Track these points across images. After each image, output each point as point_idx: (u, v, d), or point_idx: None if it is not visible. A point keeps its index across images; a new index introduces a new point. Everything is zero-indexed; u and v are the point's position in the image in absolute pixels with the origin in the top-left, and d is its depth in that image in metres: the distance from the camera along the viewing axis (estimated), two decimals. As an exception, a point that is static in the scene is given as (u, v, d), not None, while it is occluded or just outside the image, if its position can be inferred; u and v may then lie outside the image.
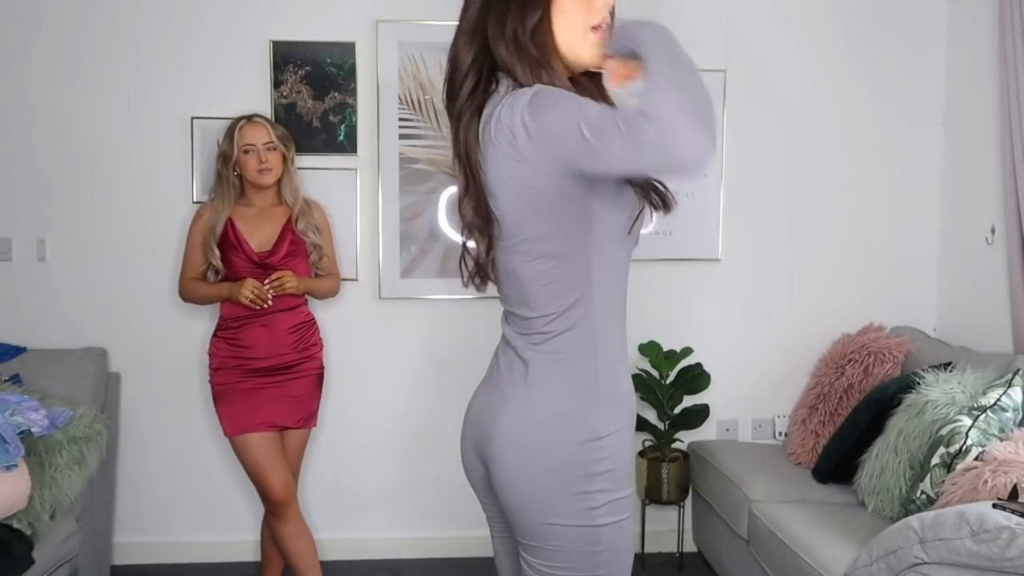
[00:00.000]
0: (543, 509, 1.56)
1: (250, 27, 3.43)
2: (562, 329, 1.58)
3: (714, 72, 3.54)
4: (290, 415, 2.98)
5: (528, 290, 1.59)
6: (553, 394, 1.58)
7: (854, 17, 3.60)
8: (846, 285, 3.69)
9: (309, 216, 3.05)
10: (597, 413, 1.57)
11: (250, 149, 2.95)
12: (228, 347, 2.96)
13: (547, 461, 1.56)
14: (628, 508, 1.61)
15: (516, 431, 1.59)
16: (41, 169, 3.43)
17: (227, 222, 2.96)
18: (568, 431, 1.56)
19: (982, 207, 3.39)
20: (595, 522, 1.56)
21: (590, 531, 1.56)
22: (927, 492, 2.58)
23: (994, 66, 3.27)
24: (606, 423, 1.57)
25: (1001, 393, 2.65)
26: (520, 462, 1.58)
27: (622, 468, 1.60)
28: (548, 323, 1.58)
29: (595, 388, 1.58)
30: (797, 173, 3.65)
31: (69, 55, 3.40)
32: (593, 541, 1.56)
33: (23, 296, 3.45)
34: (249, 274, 2.92)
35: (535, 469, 1.56)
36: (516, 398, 1.60)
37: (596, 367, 1.59)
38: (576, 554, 1.57)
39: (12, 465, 2.66)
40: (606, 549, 1.57)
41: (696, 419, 3.51)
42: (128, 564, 3.53)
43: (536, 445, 1.57)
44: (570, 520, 1.55)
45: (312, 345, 3.05)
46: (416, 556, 3.62)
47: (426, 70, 3.47)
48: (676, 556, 3.60)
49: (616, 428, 1.59)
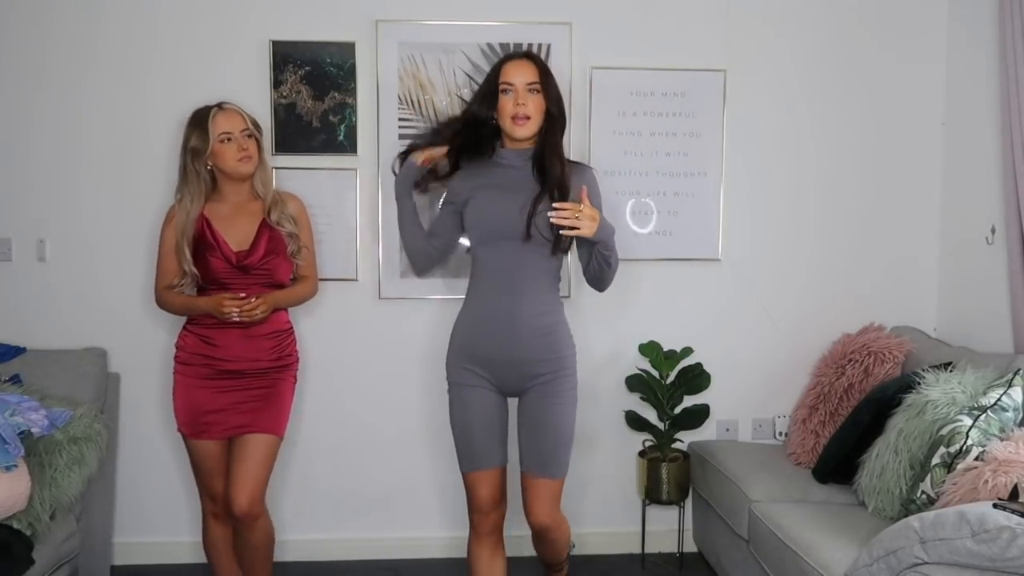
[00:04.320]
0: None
1: (250, 27, 3.43)
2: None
3: (714, 72, 3.54)
4: (255, 419, 2.83)
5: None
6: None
7: (854, 17, 3.60)
8: (846, 285, 3.69)
9: (283, 207, 2.92)
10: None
11: (227, 138, 2.80)
12: (199, 343, 2.85)
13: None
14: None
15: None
16: (41, 169, 3.43)
17: (202, 221, 2.84)
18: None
19: (982, 207, 3.39)
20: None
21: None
22: (927, 492, 2.57)
23: (994, 66, 3.27)
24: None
25: (1001, 393, 2.65)
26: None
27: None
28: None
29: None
30: (797, 173, 3.65)
31: (69, 55, 3.40)
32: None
33: (23, 296, 3.45)
34: (226, 276, 2.82)
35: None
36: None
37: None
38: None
39: (12, 465, 2.66)
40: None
41: (696, 419, 3.51)
42: (128, 564, 3.53)
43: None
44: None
45: (288, 355, 2.94)
46: (416, 556, 3.62)
47: (426, 70, 3.47)
48: (676, 556, 3.60)
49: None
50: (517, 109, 2.58)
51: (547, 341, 2.63)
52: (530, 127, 2.60)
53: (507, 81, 2.60)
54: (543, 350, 2.62)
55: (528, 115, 2.59)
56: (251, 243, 2.86)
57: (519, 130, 2.60)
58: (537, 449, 2.64)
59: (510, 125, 2.62)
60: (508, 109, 2.60)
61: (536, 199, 2.56)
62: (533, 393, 2.63)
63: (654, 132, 3.56)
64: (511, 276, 2.61)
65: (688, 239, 3.60)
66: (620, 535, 3.68)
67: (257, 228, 2.88)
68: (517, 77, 2.60)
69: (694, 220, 3.60)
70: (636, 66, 3.53)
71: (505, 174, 2.67)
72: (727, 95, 3.56)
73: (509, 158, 2.68)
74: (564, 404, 2.64)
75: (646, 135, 3.56)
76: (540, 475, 2.65)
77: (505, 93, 2.61)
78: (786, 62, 3.60)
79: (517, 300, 2.60)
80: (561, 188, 2.56)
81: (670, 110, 3.56)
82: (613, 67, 3.52)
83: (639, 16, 3.54)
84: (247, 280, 2.85)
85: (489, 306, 2.62)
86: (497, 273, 2.62)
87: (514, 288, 2.60)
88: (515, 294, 2.60)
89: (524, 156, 2.66)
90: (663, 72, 3.54)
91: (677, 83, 3.54)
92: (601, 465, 3.66)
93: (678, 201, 3.60)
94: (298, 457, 3.56)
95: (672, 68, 3.54)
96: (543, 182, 2.59)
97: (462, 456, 2.70)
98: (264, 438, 2.85)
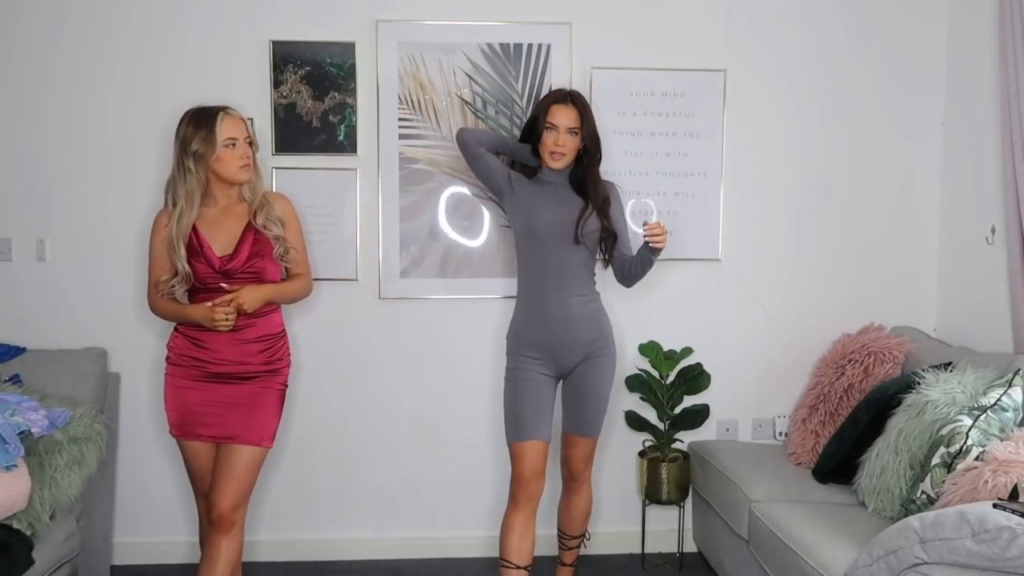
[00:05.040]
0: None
1: (250, 27, 3.43)
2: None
3: (714, 72, 3.54)
4: (243, 429, 2.78)
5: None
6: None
7: (854, 17, 3.60)
8: (846, 285, 3.69)
9: (269, 209, 2.83)
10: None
11: (232, 143, 2.74)
12: (188, 345, 2.81)
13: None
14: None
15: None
16: (41, 169, 3.43)
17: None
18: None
19: (982, 207, 3.39)
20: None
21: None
22: (927, 492, 2.58)
23: (994, 66, 3.27)
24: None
25: (1001, 393, 2.65)
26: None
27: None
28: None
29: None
30: (797, 173, 3.65)
31: (70, 57, 3.40)
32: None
33: (23, 296, 3.45)
34: (212, 280, 2.77)
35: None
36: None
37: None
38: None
39: (12, 465, 2.66)
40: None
41: (696, 419, 3.51)
42: (128, 564, 3.53)
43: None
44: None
45: (279, 359, 2.87)
46: (416, 556, 3.62)
47: (426, 70, 3.47)
48: (676, 556, 3.61)
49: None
50: (556, 148, 2.99)
51: (594, 324, 3.04)
52: (564, 161, 3.03)
53: (551, 122, 2.99)
54: (592, 331, 3.03)
55: (565, 153, 3.00)
56: (234, 247, 2.80)
57: (555, 164, 3.02)
58: (580, 414, 3.07)
59: (548, 158, 3.03)
60: (548, 146, 3.00)
61: (583, 210, 3.01)
62: (582, 367, 3.03)
63: (654, 132, 3.56)
64: (560, 272, 3.01)
65: (688, 239, 3.60)
66: (620, 535, 3.69)
67: (242, 231, 2.81)
68: (561, 120, 2.99)
69: (694, 220, 3.61)
70: (636, 66, 3.53)
71: (549, 188, 3.07)
72: (727, 95, 3.56)
73: (550, 176, 3.09)
74: (606, 375, 3.07)
75: (646, 135, 3.56)
76: (581, 435, 3.09)
77: (548, 130, 3.00)
78: (786, 62, 3.60)
79: (566, 292, 3.00)
80: (603, 205, 3.04)
81: (670, 110, 3.56)
82: (613, 67, 3.52)
83: (639, 16, 3.54)
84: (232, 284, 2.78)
85: (544, 299, 3.01)
86: (547, 270, 3.02)
87: (563, 282, 3.00)
88: (564, 288, 3.00)
89: (563, 176, 3.08)
90: (663, 72, 3.54)
91: (677, 83, 3.54)
92: (601, 465, 3.66)
93: (678, 201, 3.60)
94: (298, 457, 3.56)
95: (672, 68, 3.54)
96: (583, 195, 3.05)
97: (512, 428, 3.01)
98: (249, 450, 2.79)
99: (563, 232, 2.98)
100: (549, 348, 3.00)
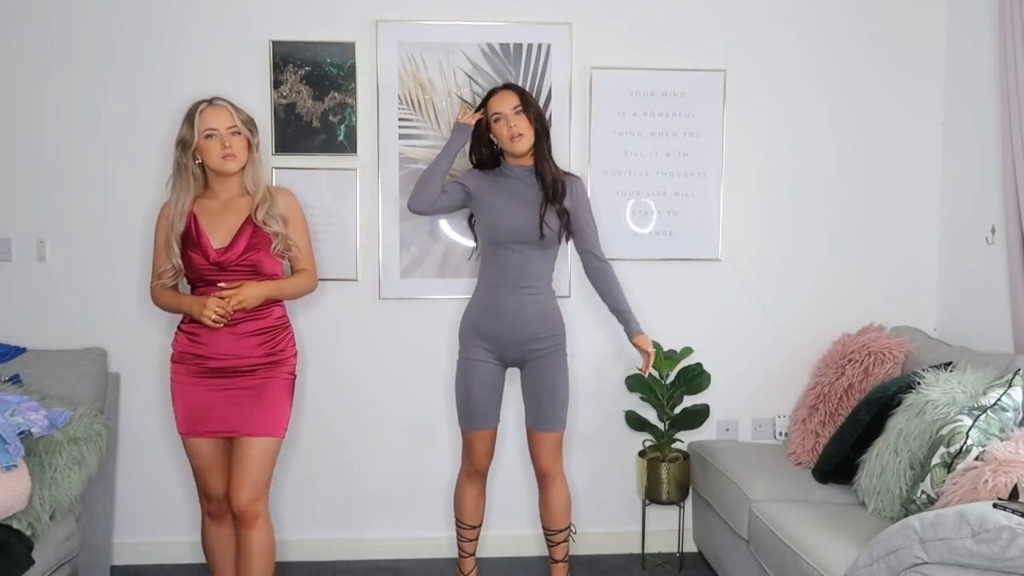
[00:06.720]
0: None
1: (250, 27, 3.43)
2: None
3: (714, 72, 3.54)
4: (249, 422, 2.80)
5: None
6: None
7: (854, 17, 3.60)
8: (846, 285, 3.69)
9: (272, 205, 2.85)
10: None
11: (212, 134, 2.77)
12: (188, 342, 2.84)
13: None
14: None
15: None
16: (41, 169, 3.43)
17: (190, 216, 2.82)
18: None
19: (982, 207, 3.39)
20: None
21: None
22: (927, 492, 2.58)
23: (994, 66, 3.27)
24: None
25: (1001, 393, 2.65)
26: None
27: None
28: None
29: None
30: (797, 173, 3.65)
31: (69, 55, 3.40)
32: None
33: (23, 296, 3.45)
34: (207, 273, 2.79)
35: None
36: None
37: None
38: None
39: (12, 465, 2.66)
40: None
41: (696, 419, 3.51)
42: (128, 564, 3.53)
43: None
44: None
45: (282, 350, 2.88)
46: (416, 556, 3.62)
47: (426, 70, 3.47)
48: (676, 556, 3.61)
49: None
50: (512, 130, 3.03)
51: (546, 323, 3.12)
52: (526, 142, 3.04)
53: (496, 112, 3.05)
54: (542, 330, 3.10)
55: (522, 132, 3.03)
56: (231, 240, 2.82)
57: (520, 145, 3.04)
58: (540, 410, 3.14)
59: (509, 144, 3.05)
60: (504, 134, 3.05)
61: (542, 204, 3.06)
62: (534, 364, 3.12)
63: (654, 132, 3.56)
64: (519, 272, 3.08)
65: (688, 239, 3.60)
66: (620, 535, 3.69)
67: (240, 224, 2.83)
68: (503, 105, 3.05)
69: (694, 220, 3.61)
70: (636, 66, 3.53)
71: (513, 185, 3.11)
72: (727, 95, 3.56)
73: (515, 171, 3.12)
74: (561, 372, 3.15)
75: (646, 135, 3.56)
76: (543, 430, 3.15)
77: (497, 121, 3.06)
78: (786, 62, 3.60)
79: (523, 291, 3.08)
80: (555, 186, 3.07)
81: (670, 110, 3.56)
82: (613, 67, 3.52)
83: (639, 16, 3.54)
84: (227, 276, 2.80)
85: (500, 296, 3.09)
86: (508, 270, 3.09)
87: (521, 282, 3.08)
88: (521, 287, 3.08)
89: (528, 171, 3.11)
90: (663, 72, 3.54)
91: (677, 83, 3.54)
92: (601, 465, 3.66)
93: (678, 201, 3.60)
94: (298, 457, 3.56)
95: (672, 68, 3.54)
96: (544, 188, 3.09)
97: (464, 416, 3.16)
98: (260, 441, 2.81)
99: (526, 234, 3.05)
100: (496, 339, 3.09)
